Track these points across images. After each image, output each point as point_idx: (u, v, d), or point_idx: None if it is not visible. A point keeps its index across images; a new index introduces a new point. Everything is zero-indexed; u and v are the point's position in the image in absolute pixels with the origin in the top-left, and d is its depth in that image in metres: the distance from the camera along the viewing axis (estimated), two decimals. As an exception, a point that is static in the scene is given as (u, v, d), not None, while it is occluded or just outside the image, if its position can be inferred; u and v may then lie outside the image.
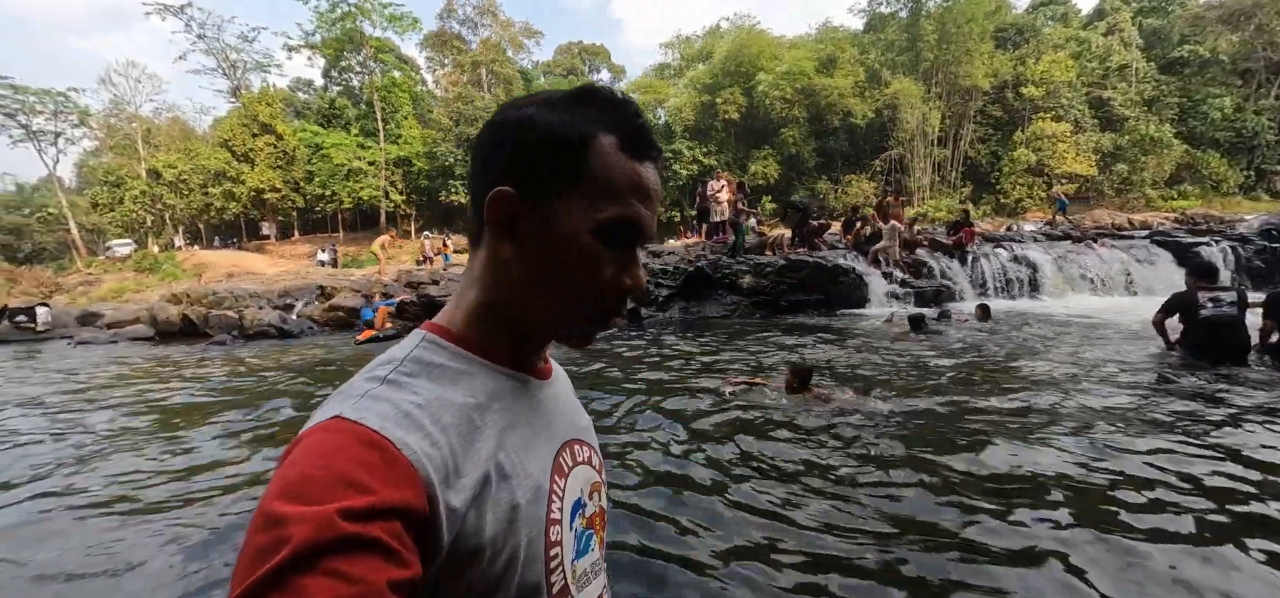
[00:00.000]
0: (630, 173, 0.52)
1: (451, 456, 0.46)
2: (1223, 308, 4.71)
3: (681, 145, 33.24)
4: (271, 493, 0.39)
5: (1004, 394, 4.21)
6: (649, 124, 0.54)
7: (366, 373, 0.50)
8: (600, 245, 0.52)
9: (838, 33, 34.83)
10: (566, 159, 0.51)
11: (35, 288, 28.39)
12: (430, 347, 0.53)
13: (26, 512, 2.89)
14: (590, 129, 0.52)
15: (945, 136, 31.87)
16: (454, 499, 0.45)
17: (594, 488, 0.64)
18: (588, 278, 0.52)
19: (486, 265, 0.55)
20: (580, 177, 0.51)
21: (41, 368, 8.26)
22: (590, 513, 0.62)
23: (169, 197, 33.39)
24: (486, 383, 0.53)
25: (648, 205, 0.54)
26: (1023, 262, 10.13)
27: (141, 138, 35.72)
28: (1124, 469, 2.81)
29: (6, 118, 32.12)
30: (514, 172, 0.52)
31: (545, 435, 0.58)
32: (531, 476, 0.53)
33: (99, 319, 13.26)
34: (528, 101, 0.54)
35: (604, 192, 0.51)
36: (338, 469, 0.40)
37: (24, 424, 4.68)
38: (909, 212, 24.29)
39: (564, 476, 0.58)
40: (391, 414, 0.45)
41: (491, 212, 0.52)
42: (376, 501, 0.39)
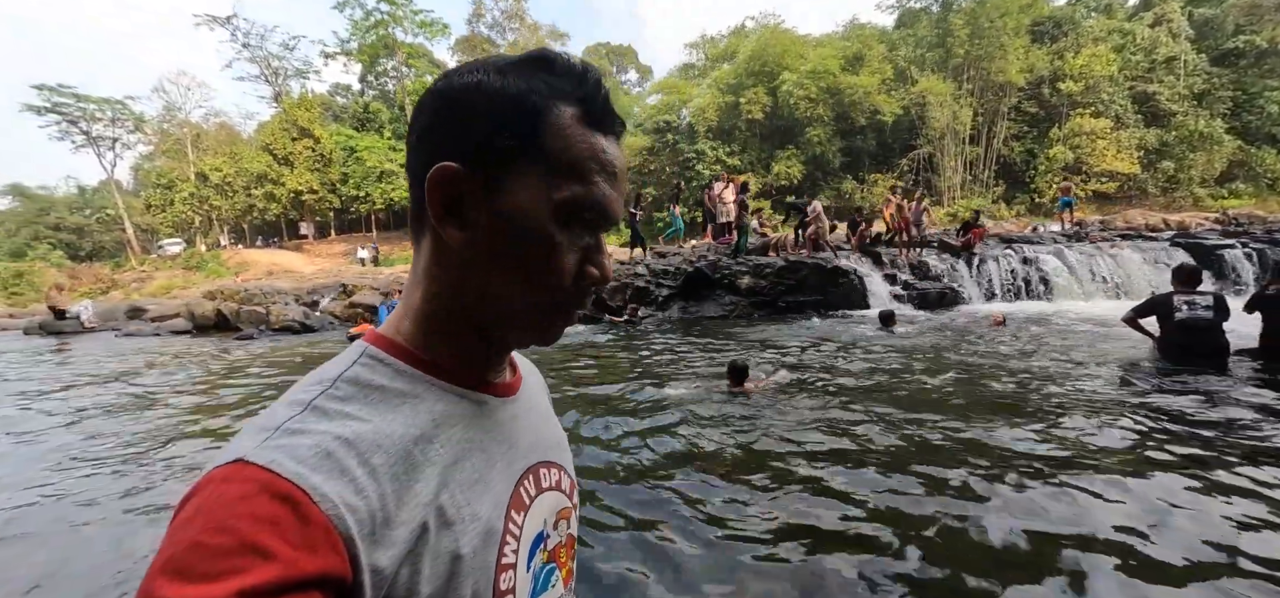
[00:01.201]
0: (593, 147, 0.46)
1: (381, 504, 0.39)
2: (1197, 311, 4.63)
3: (704, 145, 33.22)
4: (156, 565, 0.32)
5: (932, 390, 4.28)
6: (610, 92, 0.49)
7: (290, 395, 0.43)
8: (560, 229, 0.46)
9: (866, 30, 34.21)
10: (520, 130, 0.45)
11: (93, 284, 30.43)
12: (371, 363, 0.47)
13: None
14: (547, 98, 0.46)
15: (977, 134, 30.96)
16: (381, 557, 0.38)
17: (561, 516, 0.58)
18: (547, 266, 0.46)
19: (432, 257, 0.48)
20: (536, 150, 0.45)
21: (84, 356, 9.01)
22: (553, 545, 0.56)
23: (215, 198, 35.24)
24: (434, 408, 0.47)
25: (613, 185, 0.48)
26: (1033, 264, 9.91)
27: (191, 142, 37.77)
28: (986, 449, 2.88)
29: (70, 125, 34.43)
30: (459, 145, 0.45)
31: (502, 466, 0.51)
32: (480, 518, 0.47)
33: (144, 313, 14.25)
34: (474, 66, 0.47)
35: (563, 168, 0.45)
36: (236, 532, 0.33)
37: (53, 404, 5.23)
38: (938, 212, 23.84)
39: (524, 509, 0.52)
40: (309, 455, 0.37)
41: (433, 190, 0.45)
42: (286, 573, 0.32)
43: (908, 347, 6.30)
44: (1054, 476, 2.74)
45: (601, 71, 0.48)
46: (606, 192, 0.47)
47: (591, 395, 4.78)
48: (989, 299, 9.52)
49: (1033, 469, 2.83)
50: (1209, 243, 9.83)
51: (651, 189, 33.61)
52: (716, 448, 3.34)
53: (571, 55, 0.48)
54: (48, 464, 3.62)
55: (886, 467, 2.94)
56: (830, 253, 10.55)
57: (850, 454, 3.16)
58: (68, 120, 34.50)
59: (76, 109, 34.49)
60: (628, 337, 7.99)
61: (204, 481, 0.36)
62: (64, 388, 6.23)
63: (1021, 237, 12.59)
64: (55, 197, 44.99)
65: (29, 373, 7.52)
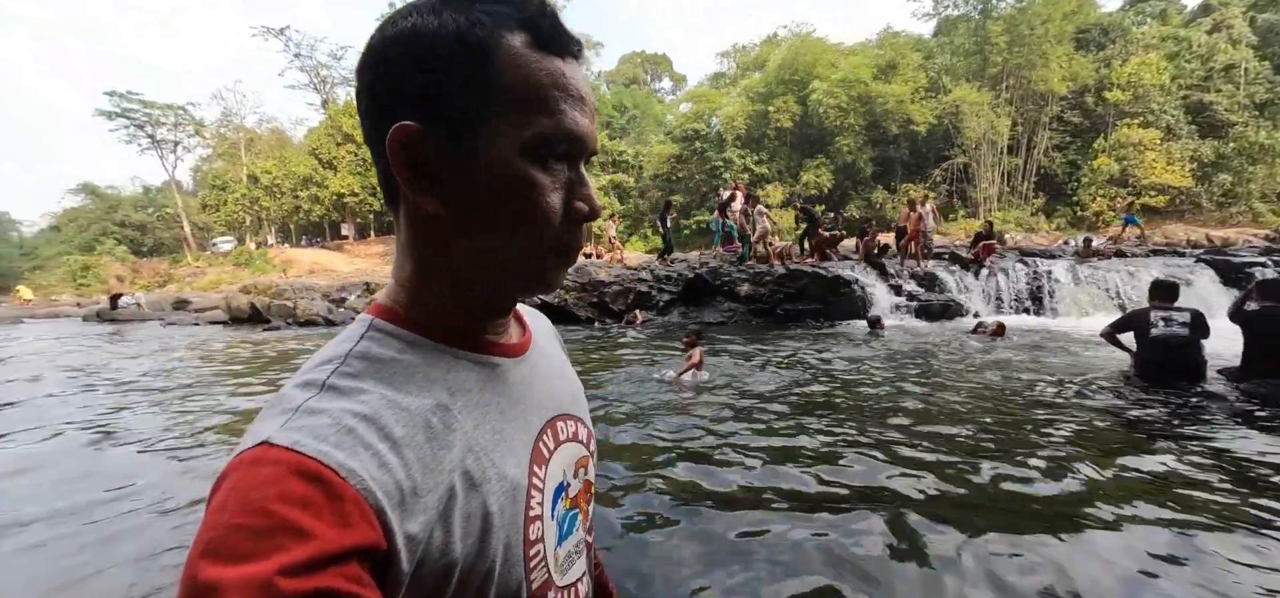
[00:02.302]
0: (551, 73, 0.43)
1: (406, 475, 0.39)
2: (1173, 328, 4.52)
3: (733, 154, 33.21)
4: (196, 550, 0.33)
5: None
6: (557, 11, 0.45)
7: (302, 376, 0.43)
8: (536, 168, 0.43)
9: (899, 38, 33.61)
10: (471, 71, 0.42)
11: (152, 277, 32.57)
12: (378, 337, 0.46)
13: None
14: (491, 28, 0.42)
15: (1016, 144, 29.96)
16: (413, 525, 0.38)
17: (579, 464, 0.58)
18: (533, 210, 0.44)
19: (414, 225, 0.46)
20: (493, 92, 0.42)
21: (130, 339, 9.80)
22: (574, 493, 0.57)
23: (264, 199, 37.23)
24: (447, 375, 0.46)
25: (582, 111, 0.45)
26: (1044, 278, 9.63)
27: (244, 146, 40.06)
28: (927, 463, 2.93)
29: (137, 129, 37.04)
30: (410, 101, 0.42)
31: (520, 424, 0.51)
32: (506, 476, 0.47)
33: (188, 305, 15.30)
34: (407, 9, 0.43)
35: (526, 101, 0.43)
36: (271, 514, 0.33)
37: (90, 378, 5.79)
38: (973, 225, 23.18)
39: (544, 462, 0.52)
40: (331, 433, 0.38)
41: (398, 158, 0.42)
42: (323, 547, 0.33)
43: (883, 353, 6.33)
44: (980, 486, 2.78)
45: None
46: (577, 119, 0.44)
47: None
48: (996, 312, 9.29)
49: (961, 480, 2.88)
50: (1239, 259, 9.34)
51: (680, 196, 33.75)
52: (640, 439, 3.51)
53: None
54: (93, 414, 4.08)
55: (784, 461, 3.04)
56: (835, 262, 10.51)
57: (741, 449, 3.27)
58: (135, 125, 37.16)
59: (143, 114, 37.12)
60: (627, 340, 8.19)
61: (232, 465, 0.36)
62: (112, 366, 6.86)
63: (1040, 251, 12.21)
64: (122, 195, 48.33)
65: (89, 350, 8.26)
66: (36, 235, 52.10)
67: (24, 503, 2.81)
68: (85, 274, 33.44)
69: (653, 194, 37.51)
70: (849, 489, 2.71)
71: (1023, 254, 12.27)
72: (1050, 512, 2.42)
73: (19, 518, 2.64)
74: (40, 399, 5.26)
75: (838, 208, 31.34)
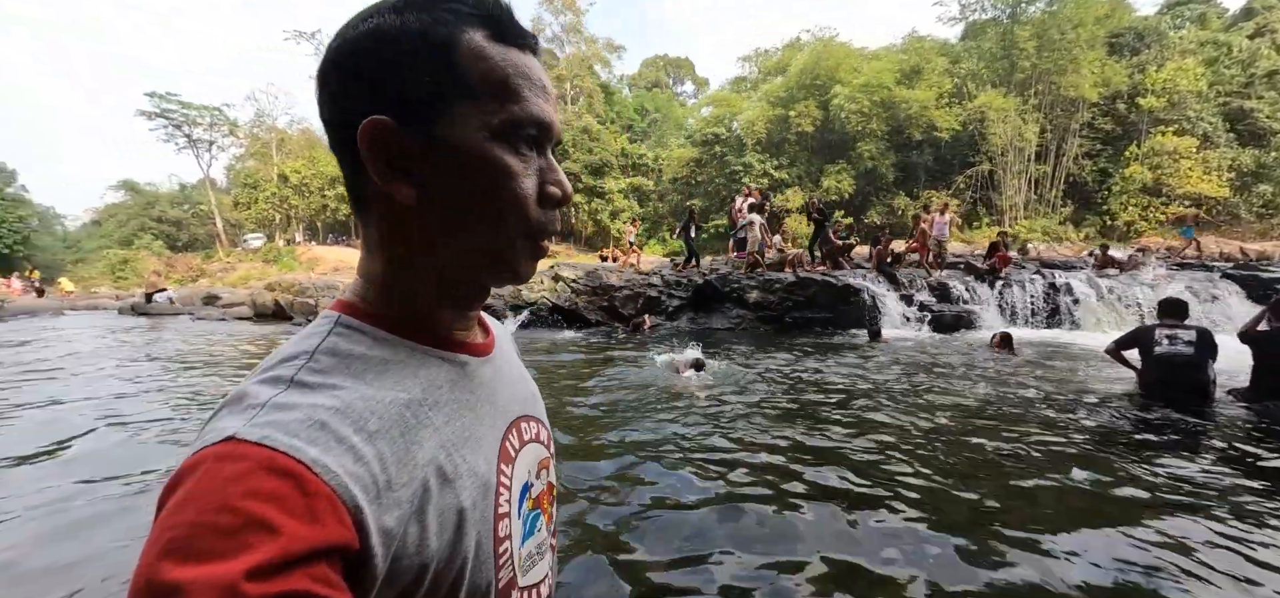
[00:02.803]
0: (514, 63, 0.45)
1: (381, 469, 0.39)
2: (1177, 346, 4.44)
3: (752, 158, 33.10)
4: (154, 549, 0.31)
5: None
6: (512, 6, 0.48)
7: (267, 370, 0.42)
8: (508, 153, 0.45)
9: (925, 43, 33.10)
10: (437, 64, 0.43)
11: (186, 272, 33.72)
12: (346, 333, 0.45)
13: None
14: (452, 25, 0.44)
15: (1044, 151, 29.27)
16: (388, 519, 0.38)
17: (542, 465, 0.60)
18: (509, 195, 0.45)
19: (387, 224, 0.46)
20: (459, 82, 0.43)
21: (160, 331, 10.23)
22: (537, 493, 0.58)
23: (293, 198, 38.28)
24: (419, 371, 0.46)
25: (545, 98, 0.47)
26: (1062, 290, 9.44)
27: (275, 146, 41.24)
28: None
29: (175, 129, 38.41)
30: (379, 99, 0.43)
31: (489, 422, 0.51)
32: (477, 473, 0.47)
33: (217, 300, 15.88)
34: (365, 13, 0.45)
35: (492, 90, 0.44)
36: (240, 510, 0.31)
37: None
38: (990, 232, 22.72)
39: (511, 461, 0.53)
40: (302, 427, 0.37)
41: (371, 151, 0.43)
42: (292, 546, 0.31)
43: (881, 364, 6.30)
44: (959, 506, 2.80)
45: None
46: (541, 105, 0.46)
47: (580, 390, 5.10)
48: (1011, 325, 9.13)
49: (938, 493, 2.90)
50: (1269, 275, 9.04)
51: (698, 201, 33.76)
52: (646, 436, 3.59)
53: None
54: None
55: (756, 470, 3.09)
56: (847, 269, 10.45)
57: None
58: (173, 125, 38.56)
59: (181, 114, 38.48)
60: (636, 345, 8.28)
61: (192, 462, 0.35)
62: (136, 358, 7.20)
63: (1061, 262, 11.95)
64: (160, 192, 50.14)
65: (124, 339, 8.67)
66: (79, 230, 54.37)
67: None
68: (124, 268, 34.79)
69: (672, 197, 37.63)
70: (799, 496, 2.75)
71: (1042, 265, 12.05)
72: (1017, 532, 2.43)
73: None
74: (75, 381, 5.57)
75: (859, 214, 31.04)
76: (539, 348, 7.98)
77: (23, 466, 3.31)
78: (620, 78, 51.51)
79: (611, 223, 37.42)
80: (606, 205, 37.60)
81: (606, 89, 44.00)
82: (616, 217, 37.33)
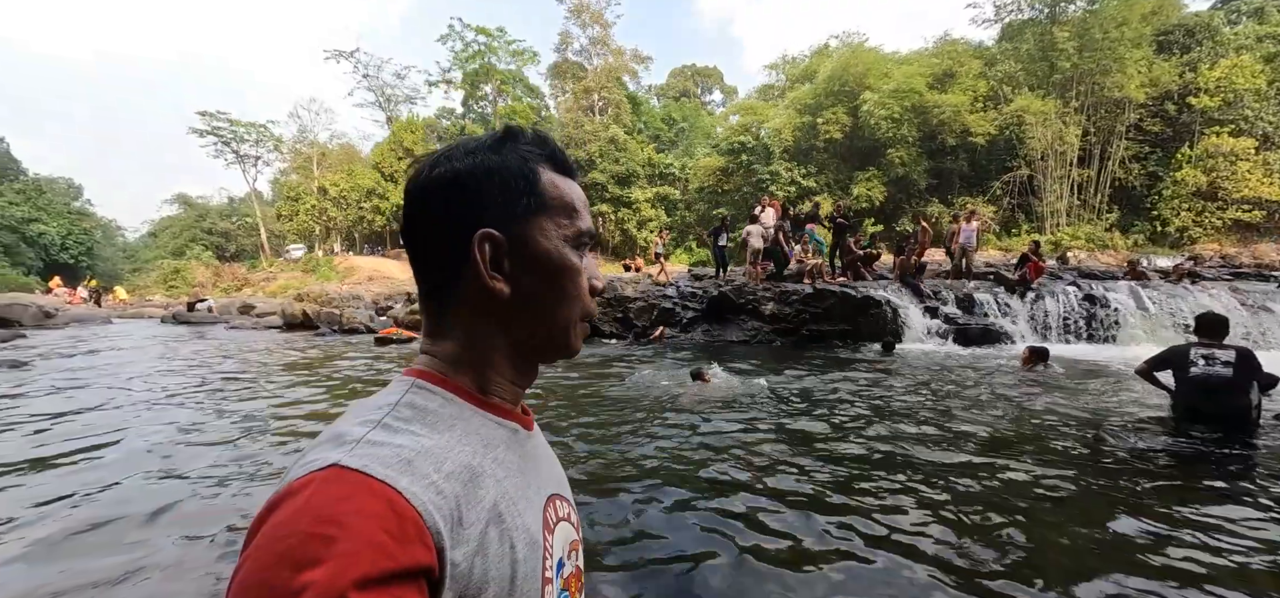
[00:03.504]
0: (573, 191, 0.59)
1: (456, 506, 0.44)
2: (1214, 367, 4.10)
3: (779, 167, 32.69)
4: (269, 556, 0.35)
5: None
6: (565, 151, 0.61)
7: (358, 415, 0.49)
8: (574, 255, 0.57)
9: (958, 46, 32.18)
10: (526, 190, 0.55)
11: (231, 281, 35.23)
12: (421, 392, 0.52)
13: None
14: (532, 162, 0.57)
15: (1087, 155, 27.99)
16: (458, 554, 0.42)
17: (572, 547, 0.62)
18: (575, 286, 0.57)
19: (472, 309, 0.55)
20: (541, 204, 0.56)
21: (204, 337, 10.67)
22: (567, 574, 0.60)
23: (332, 210, 39.66)
24: (481, 430, 0.53)
25: (589, 216, 0.61)
26: (1099, 302, 8.93)
27: (316, 160, 42.84)
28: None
29: (224, 145, 40.36)
30: (485, 213, 0.54)
31: (535, 488, 0.57)
32: (529, 529, 0.52)
33: (253, 310, 16.51)
34: (451, 153, 0.56)
35: (563, 211, 0.57)
36: (346, 527, 0.36)
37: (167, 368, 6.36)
38: (1031, 237, 21.85)
39: (551, 531, 0.57)
40: (394, 462, 0.42)
41: (481, 253, 0.53)
42: (392, 565, 0.36)
43: (891, 379, 6.06)
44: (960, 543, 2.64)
45: (550, 134, 0.62)
46: (588, 221, 0.60)
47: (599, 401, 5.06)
48: (1043, 339, 8.68)
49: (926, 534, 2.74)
50: (1331, 287, 8.37)
51: (725, 210, 33.54)
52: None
53: (526, 128, 0.61)
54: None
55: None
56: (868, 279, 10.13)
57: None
58: (222, 141, 40.51)
59: (230, 131, 40.44)
60: (653, 355, 8.21)
61: (301, 483, 0.39)
62: (179, 363, 7.51)
63: (1102, 271, 11.33)
64: (210, 205, 52.73)
65: (168, 346, 9.09)
66: (137, 241, 57.53)
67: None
68: (175, 277, 36.60)
69: (699, 207, 37.44)
70: (780, 514, 2.63)
71: (1082, 275, 11.45)
72: (1006, 571, 2.26)
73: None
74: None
75: (891, 222, 30.25)
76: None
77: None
78: (648, 88, 51.71)
79: (638, 232, 37.47)
80: (633, 215, 37.70)
81: (634, 99, 44.21)
82: (643, 226, 37.37)
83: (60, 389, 6.02)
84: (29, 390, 5.94)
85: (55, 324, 14.27)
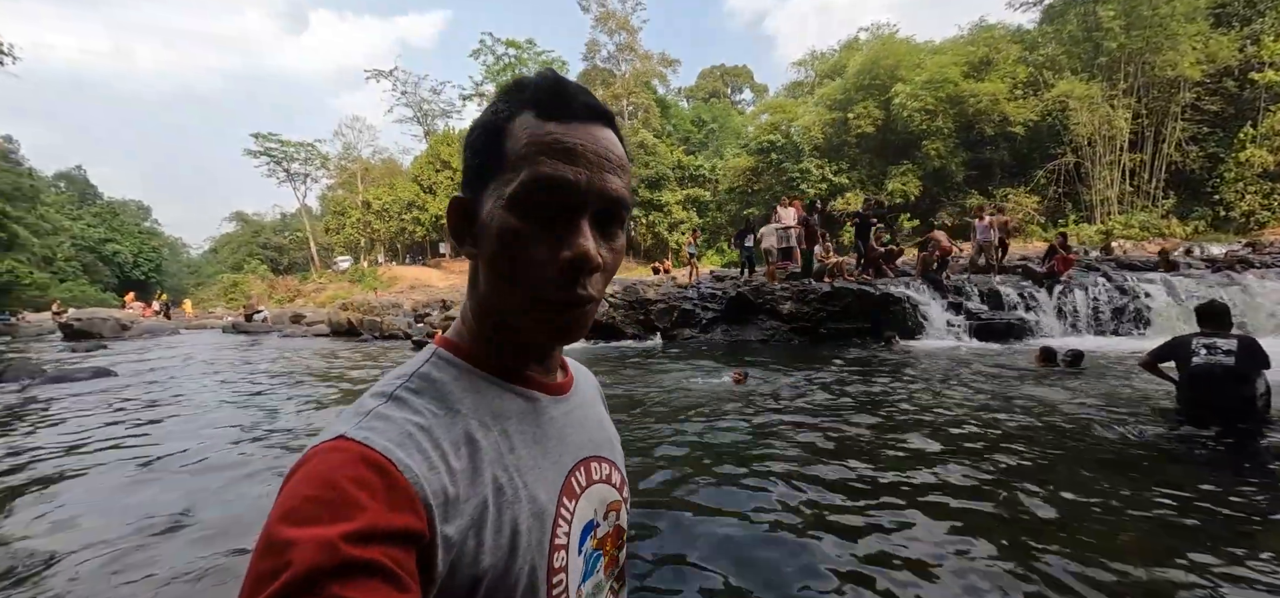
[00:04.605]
0: (542, 135, 0.48)
1: (450, 481, 0.45)
2: (1216, 357, 4.04)
3: (810, 164, 32.32)
4: (274, 516, 0.38)
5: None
6: (569, 85, 0.50)
7: (377, 388, 0.50)
8: (520, 219, 0.47)
9: (995, 31, 31.07)
10: (490, 149, 0.50)
11: (285, 292, 37.23)
12: (439, 363, 0.53)
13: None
14: (507, 113, 0.50)
15: (1139, 138, 26.58)
16: (450, 528, 0.43)
17: (611, 507, 0.62)
18: (520, 259, 0.48)
19: (470, 275, 0.55)
20: (497, 160, 0.49)
21: (260, 345, 11.53)
22: (603, 534, 0.60)
23: (376, 222, 41.42)
24: (492, 401, 0.52)
25: (565, 159, 0.47)
26: (1130, 293, 8.64)
27: (360, 176, 44.84)
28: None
29: (275, 164, 42.73)
30: (466, 177, 0.52)
31: (554, 456, 0.55)
32: (536, 499, 0.51)
33: (303, 319, 17.62)
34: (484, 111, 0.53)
35: (512, 165, 0.48)
36: (340, 491, 0.39)
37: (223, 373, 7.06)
38: (1086, 231, 20.98)
39: (575, 497, 0.56)
40: (395, 434, 0.44)
41: (448, 220, 0.53)
42: (378, 523, 0.38)
43: (887, 377, 6.10)
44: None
45: (555, 70, 0.53)
46: (553, 168, 0.47)
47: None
48: (1071, 332, 8.47)
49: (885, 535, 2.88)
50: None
51: (754, 210, 33.35)
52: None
53: (540, 72, 0.51)
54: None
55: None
56: (889, 277, 10.07)
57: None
58: (274, 160, 42.91)
59: (281, 151, 42.81)
60: (661, 354, 8.44)
61: (313, 452, 0.42)
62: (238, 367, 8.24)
63: (1142, 263, 10.88)
64: (264, 221, 55.88)
65: (236, 351, 9.92)
66: (200, 257, 61.44)
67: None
68: (234, 290, 38.99)
69: (730, 207, 37.33)
70: (761, 513, 2.81)
71: (1119, 266, 11.02)
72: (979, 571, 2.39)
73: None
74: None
75: (927, 217, 29.47)
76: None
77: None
78: (677, 91, 51.84)
79: (670, 235, 37.67)
80: (664, 218, 37.92)
81: (662, 103, 44.45)
82: (675, 229, 37.54)
83: (153, 383, 6.74)
84: (131, 390, 6.67)
85: (131, 335, 15.61)
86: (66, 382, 7.32)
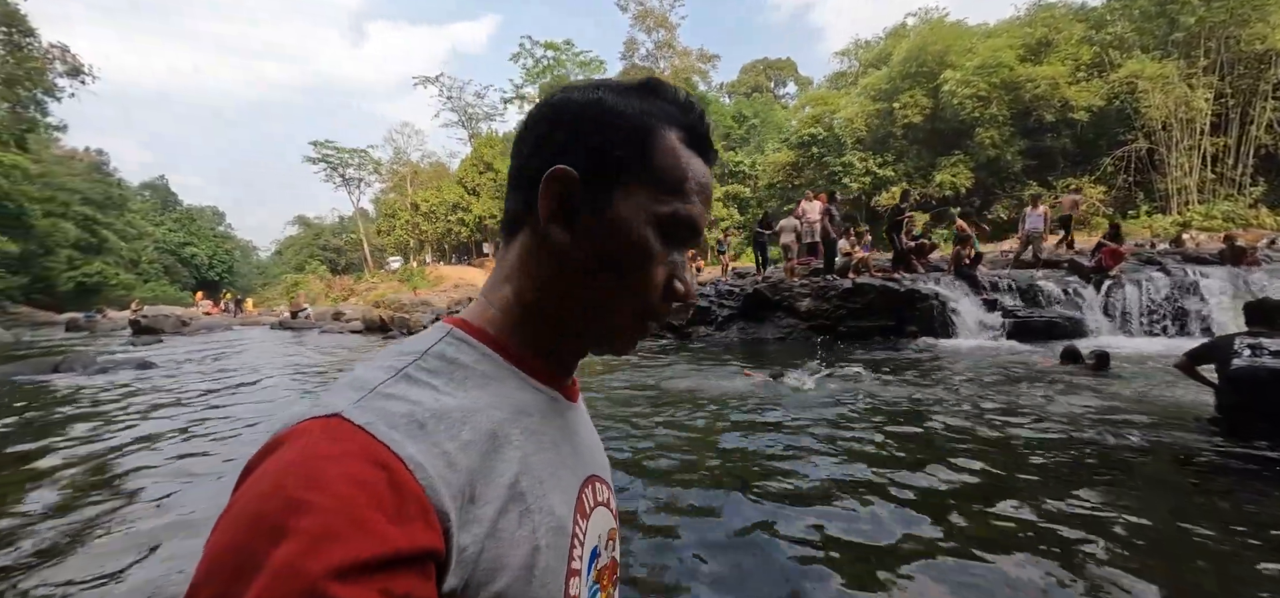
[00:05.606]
0: (694, 169, 0.49)
1: (469, 480, 0.38)
2: (1261, 358, 3.53)
3: (852, 157, 31.16)
4: (240, 514, 0.31)
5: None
6: (708, 121, 0.52)
7: (379, 361, 0.43)
8: (658, 240, 0.47)
9: (1055, 10, 29.04)
10: (633, 145, 0.47)
11: (340, 291, 39.11)
12: (455, 343, 0.46)
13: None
14: (658, 120, 0.48)
15: (1223, 121, 24.23)
16: (466, 536, 0.37)
17: (611, 536, 0.56)
18: (642, 273, 0.47)
19: (531, 254, 0.48)
20: (645, 166, 0.47)
21: (299, 340, 12.13)
22: (602, 565, 0.53)
23: (424, 224, 42.97)
24: (514, 395, 0.46)
25: (705, 205, 0.50)
26: (1187, 290, 7.80)
27: (409, 179, 46.61)
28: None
29: (332, 170, 44.98)
30: (575, 153, 0.47)
31: (571, 465, 0.50)
32: (555, 513, 0.45)
33: (342, 316, 18.51)
34: (593, 85, 0.50)
35: (667, 184, 0.47)
36: (333, 496, 0.31)
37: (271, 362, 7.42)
38: (1160, 222, 19.41)
39: (586, 516, 0.50)
40: (403, 421, 0.37)
41: (548, 190, 0.46)
42: (382, 549, 0.31)
43: (894, 382, 5.67)
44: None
45: (703, 105, 0.52)
46: (699, 210, 0.49)
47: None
48: (1121, 332, 7.72)
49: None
50: None
51: (774, 203, 32.45)
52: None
53: (678, 87, 0.52)
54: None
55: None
56: (920, 272, 9.50)
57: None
58: (331, 166, 45.19)
59: (336, 157, 45.03)
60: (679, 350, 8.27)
61: (299, 429, 0.35)
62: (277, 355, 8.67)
63: (1210, 256, 9.83)
64: (324, 224, 58.99)
65: (266, 345, 10.49)
66: (267, 258, 65.53)
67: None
68: (295, 289, 41.31)
69: (770, 203, 36.52)
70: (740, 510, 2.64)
71: (1186, 259, 10.02)
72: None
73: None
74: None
75: (981, 209, 27.84)
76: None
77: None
78: (718, 86, 51.19)
79: (709, 233, 37.22)
80: (703, 215, 37.51)
81: (702, 99, 43.98)
82: (714, 226, 37.07)
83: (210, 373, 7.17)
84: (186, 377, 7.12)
85: (189, 331, 16.81)
86: (108, 373, 7.86)
